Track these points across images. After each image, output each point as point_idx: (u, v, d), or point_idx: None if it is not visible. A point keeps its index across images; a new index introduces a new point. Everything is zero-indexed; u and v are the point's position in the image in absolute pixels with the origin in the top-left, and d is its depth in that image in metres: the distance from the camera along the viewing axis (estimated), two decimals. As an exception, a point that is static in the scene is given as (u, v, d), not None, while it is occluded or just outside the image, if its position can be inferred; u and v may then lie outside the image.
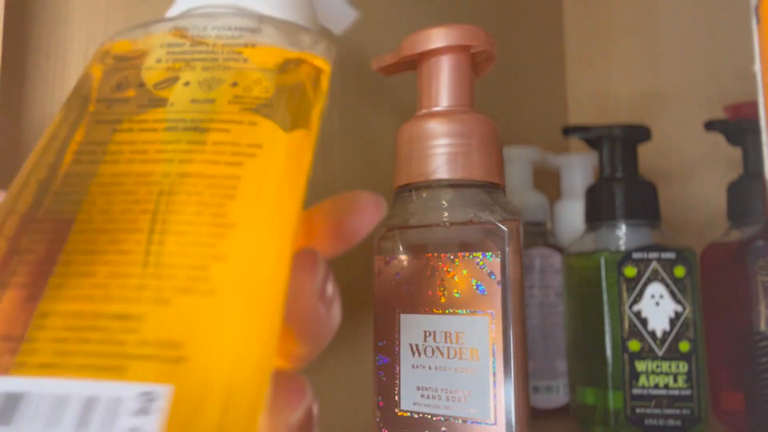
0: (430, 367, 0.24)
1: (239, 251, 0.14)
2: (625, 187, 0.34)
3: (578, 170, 0.45)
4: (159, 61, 0.18)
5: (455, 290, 0.24)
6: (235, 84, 0.17)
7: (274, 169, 0.16)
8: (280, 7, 0.20)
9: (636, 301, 0.31)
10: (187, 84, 0.17)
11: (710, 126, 0.37)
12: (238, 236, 0.14)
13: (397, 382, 0.24)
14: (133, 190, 0.15)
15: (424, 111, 0.26)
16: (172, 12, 0.20)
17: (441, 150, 0.25)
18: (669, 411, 0.30)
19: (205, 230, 0.14)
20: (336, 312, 0.17)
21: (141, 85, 0.17)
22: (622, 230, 0.34)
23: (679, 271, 0.31)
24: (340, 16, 0.26)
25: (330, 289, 0.17)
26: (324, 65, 0.19)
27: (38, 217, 0.14)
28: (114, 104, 0.17)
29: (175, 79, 0.17)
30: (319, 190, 0.34)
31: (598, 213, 0.35)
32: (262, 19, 0.19)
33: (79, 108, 0.17)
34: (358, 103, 0.38)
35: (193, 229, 0.14)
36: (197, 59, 0.18)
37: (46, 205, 0.15)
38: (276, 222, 0.15)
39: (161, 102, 0.17)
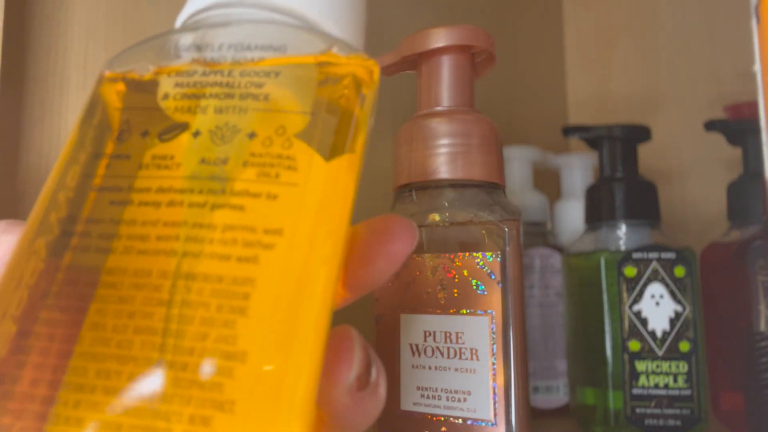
0: (430, 367, 0.24)
1: (249, 397, 0.11)
2: (625, 187, 0.34)
3: (578, 170, 0.45)
4: (166, 97, 0.15)
5: (455, 290, 0.24)
6: (252, 135, 0.14)
7: (297, 267, 0.13)
8: (319, 2, 0.16)
9: (636, 301, 0.31)
10: (196, 134, 0.14)
11: (710, 126, 0.37)
12: (250, 374, 0.11)
13: (397, 382, 0.24)
14: (129, 297, 0.12)
15: (424, 111, 0.26)
16: (183, 14, 0.17)
17: (441, 150, 0.25)
18: (669, 411, 0.30)
19: (209, 364, 0.12)
20: (375, 402, 0.15)
21: (145, 133, 0.14)
22: (622, 230, 0.34)
23: (679, 271, 0.31)
24: None
25: (373, 375, 0.14)
26: (367, 72, 0.15)
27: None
28: (114, 163, 0.14)
29: (183, 126, 0.14)
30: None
31: (598, 213, 0.35)
32: (287, 27, 0.16)
33: (93, 148, 0.14)
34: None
35: (195, 362, 0.12)
36: (210, 95, 0.14)
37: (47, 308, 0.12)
38: (299, 351, 0.12)
39: (166, 161, 0.14)
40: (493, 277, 0.23)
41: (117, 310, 0.12)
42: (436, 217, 0.25)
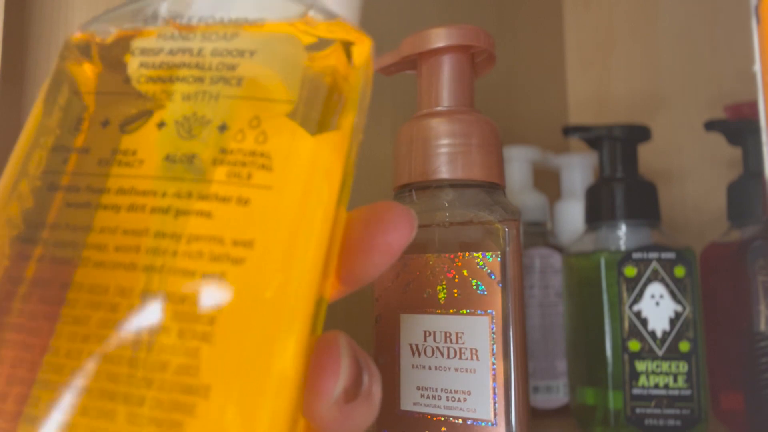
0: (430, 367, 0.24)
1: None
2: (625, 187, 0.34)
3: (578, 170, 0.45)
4: (127, 80, 0.13)
5: (455, 290, 0.24)
6: (223, 128, 0.12)
7: (268, 286, 0.11)
8: None
9: (636, 301, 0.31)
10: (161, 126, 0.12)
11: (710, 126, 0.37)
12: (212, 413, 0.10)
13: (397, 382, 0.24)
14: (83, 317, 0.11)
15: (424, 111, 0.26)
16: None
17: (441, 150, 0.25)
18: (669, 411, 0.30)
19: (168, 398, 0.10)
20: (368, 410, 0.14)
21: (106, 123, 0.13)
22: (622, 230, 0.34)
23: (679, 271, 0.31)
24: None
25: (365, 382, 0.13)
26: (357, 39, 0.14)
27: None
28: (72, 157, 0.13)
29: (147, 114, 0.13)
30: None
31: (598, 213, 0.35)
32: None
33: (62, 126, 0.13)
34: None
35: (152, 396, 0.10)
36: (177, 78, 0.13)
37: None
38: (268, 388, 0.11)
39: (127, 157, 0.12)
40: (493, 277, 0.23)
41: (72, 332, 0.11)
42: (436, 217, 0.25)
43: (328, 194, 0.13)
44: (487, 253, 0.23)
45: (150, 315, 0.11)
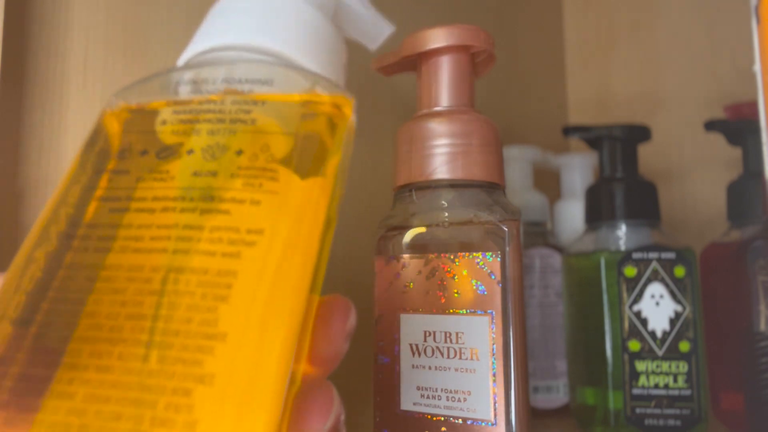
0: (430, 367, 0.24)
1: (227, 371, 0.13)
2: (625, 187, 0.34)
3: (578, 170, 0.45)
4: (164, 123, 0.16)
5: (455, 290, 0.24)
6: (239, 152, 0.15)
7: (274, 261, 0.14)
8: (303, 46, 0.19)
9: (636, 301, 0.31)
10: (190, 152, 0.16)
11: (710, 126, 0.37)
12: (228, 351, 0.13)
13: (397, 382, 0.24)
14: (122, 288, 0.14)
15: (424, 111, 0.26)
16: (185, 56, 0.19)
17: (441, 150, 0.25)
18: (669, 411, 0.30)
19: (193, 343, 0.13)
20: None
21: (144, 152, 0.16)
22: (622, 230, 0.34)
23: (679, 271, 0.31)
24: (375, 30, 0.24)
25: (340, 426, 0.15)
26: (339, 108, 0.17)
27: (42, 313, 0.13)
28: (114, 177, 0.16)
29: (179, 146, 0.16)
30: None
31: (598, 213, 0.35)
32: (275, 66, 0.18)
33: (93, 167, 0.16)
34: (359, 103, 0.38)
35: (180, 342, 0.13)
36: (203, 120, 0.16)
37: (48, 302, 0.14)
38: (275, 333, 0.13)
39: (162, 175, 0.15)
40: (493, 277, 0.23)
41: (110, 300, 0.13)
42: (436, 217, 0.25)
43: (317, 211, 0.16)
44: (487, 253, 0.23)
45: (177, 283, 0.13)
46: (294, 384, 0.14)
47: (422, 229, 0.25)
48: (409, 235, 0.25)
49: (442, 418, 0.23)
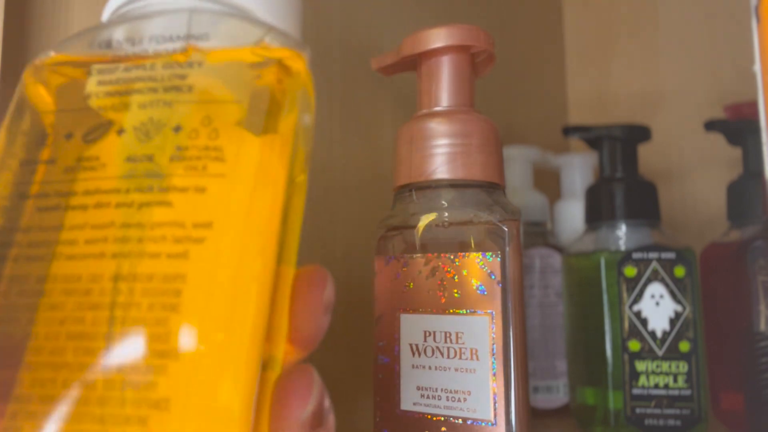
0: (430, 367, 0.24)
1: (183, 393, 0.11)
2: (625, 187, 0.34)
3: (578, 170, 0.45)
4: (89, 97, 0.14)
5: (455, 290, 0.24)
6: (178, 128, 0.13)
7: (228, 257, 0.12)
8: None
9: (636, 301, 0.31)
10: (121, 132, 0.13)
11: (710, 126, 0.37)
12: (184, 369, 0.11)
13: (397, 382, 0.24)
14: (59, 303, 0.12)
15: (424, 111, 0.26)
16: (106, 11, 0.17)
17: (441, 150, 0.25)
18: (669, 411, 0.30)
19: (142, 364, 0.11)
20: None
21: (69, 135, 0.14)
22: (622, 230, 0.34)
23: (679, 271, 0.31)
24: None
25: (330, 422, 0.15)
26: (293, 62, 0.15)
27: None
28: (40, 168, 0.14)
29: (107, 125, 0.14)
30: (319, 191, 0.34)
31: (598, 213, 0.35)
32: (215, 15, 0.15)
33: (27, 149, 0.14)
34: (359, 104, 0.38)
35: (129, 365, 0.11)
36: (133, 91, 0.14)
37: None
38: (238, 337, 0.12)
39: (91, 162, 0.13)
40: (493, 277, 0.23)
41: (48, 317, 0.12)
42: (435, 216, 0.25)
43: (275, 178, 0.14)
44: (487, 253, 0.23)
45: (121, 295, 0.12)
46: (274, 371, 0.13)
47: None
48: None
49: (442, 418, 0.23)
